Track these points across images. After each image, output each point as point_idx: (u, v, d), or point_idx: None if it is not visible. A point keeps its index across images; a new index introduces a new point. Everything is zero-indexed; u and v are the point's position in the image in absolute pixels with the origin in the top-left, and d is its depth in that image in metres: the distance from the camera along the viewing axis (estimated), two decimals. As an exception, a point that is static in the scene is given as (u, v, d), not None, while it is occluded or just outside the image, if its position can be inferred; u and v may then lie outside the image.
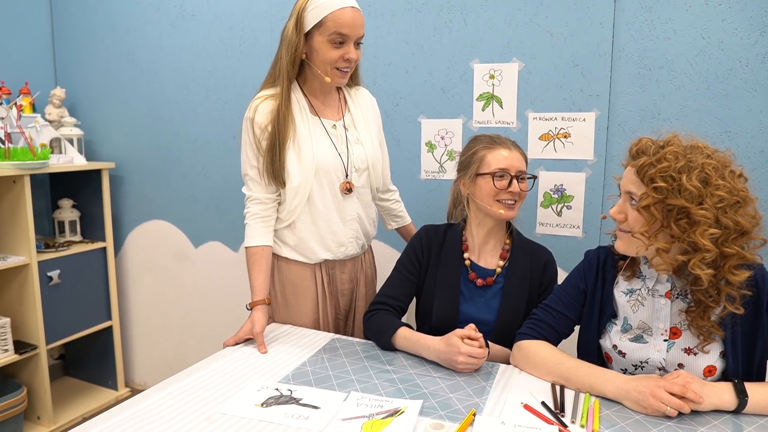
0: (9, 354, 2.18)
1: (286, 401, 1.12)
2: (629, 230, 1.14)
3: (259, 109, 1.47)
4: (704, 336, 1.12)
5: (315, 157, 1.48)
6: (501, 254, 1.50)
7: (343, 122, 1.56)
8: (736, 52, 1.62)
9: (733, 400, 1.05)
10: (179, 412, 1.08)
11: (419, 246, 1.55)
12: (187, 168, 2.51)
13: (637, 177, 1.11)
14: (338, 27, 1.39)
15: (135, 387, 2.78)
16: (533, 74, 1.86)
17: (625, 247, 1.17)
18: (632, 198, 1.13)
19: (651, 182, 1.07)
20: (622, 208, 1.16)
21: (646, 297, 1.21)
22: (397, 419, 1.04)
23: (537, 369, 1.23)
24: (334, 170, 1.52)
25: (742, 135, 1.64)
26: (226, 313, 2.55)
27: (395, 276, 1.56)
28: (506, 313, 1.45)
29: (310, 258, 1.57)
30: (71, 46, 2.67)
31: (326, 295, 1.61)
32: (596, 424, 1.03)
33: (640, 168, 1.10)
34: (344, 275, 1.64)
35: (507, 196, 1.43)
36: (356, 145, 1.56)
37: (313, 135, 1.50)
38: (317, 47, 1.42)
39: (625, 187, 1.15)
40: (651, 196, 1.07)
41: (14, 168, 2.15)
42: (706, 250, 1.04)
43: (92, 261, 2.54)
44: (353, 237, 1.60)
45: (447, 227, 1.57)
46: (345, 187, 1.54)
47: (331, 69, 1.44)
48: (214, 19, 2.33)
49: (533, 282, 1.48)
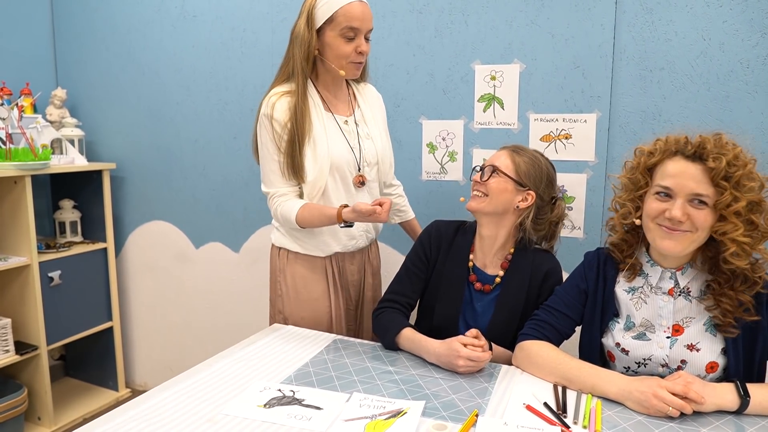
0: (10, 355, 2.18)
1: (289, 402, 1.12)
2: (691, 230, 1.12)
3: (277, 105, 1.48)
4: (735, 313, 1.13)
5: (330, 153, 1.50)
6: (502, 263, 1.50)
7: (354, 118, 1.59)
8: (737, 54, 1.63)
9: (735, 401, 1.06)
10: (182, 413, 1.08)
11: (428, 242, 1.55)
12: (187, 169, 2.51)
13: (709, 178, 1.09)
14: (349, 21, 1.42)
15: (135, 388, 2.78)
16: (534, 75, 1.86)
17: (683, 247, 1.14)
18: (697, 199, 1.11)
19: (738, 185, 1.08)
20: (685, 210, 1.11)
21: (648, 294, 1.22)
22: (399, 420, 1.05)
23: (539, 370, 1.24)
24: (347, 165, 1.55)
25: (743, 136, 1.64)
26: (226, 314, 2.55)
27: (403, 272, 1.56)
28: (497, 322, 1.45)
29: (324, 251, 1.60)
30: (72, 46, 2.67)
31: (337, 287, 1.64)
32: (598, 424, 1.03)
33: (718, 170, 1.08)
34: (353, 266, 1.67)
35: (474, 187, 1.47)
36: (367, 140, 1.59)
37: (327, 131, 1.52)
38: (330, 42, 1.45)
39: (689, 189, 1.11)
40: (742, 198, 1.08)
41: (15, 169, 2.15)
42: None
43: (93, 262, 2.55)
44: (364, 230, 1.65)
45: (459, 225, 1.56)
46: (358, 181, 1.57)
47: (346, 63, 1.47)
48: (215, 20, 2.34)
49: (531, 292, 1.46)
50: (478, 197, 1.45)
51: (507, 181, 1.43)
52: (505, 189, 1.42)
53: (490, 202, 1.43)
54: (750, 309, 1.13)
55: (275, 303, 1.67)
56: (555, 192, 1.50)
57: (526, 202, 1.44)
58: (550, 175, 1.47)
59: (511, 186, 1.43)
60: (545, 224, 1.48)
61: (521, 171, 1.43)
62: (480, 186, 1.45)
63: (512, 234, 1.49)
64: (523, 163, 1.44)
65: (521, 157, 1.45)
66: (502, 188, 1.42)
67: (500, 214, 1.45)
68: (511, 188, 1.43)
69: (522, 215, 1.45)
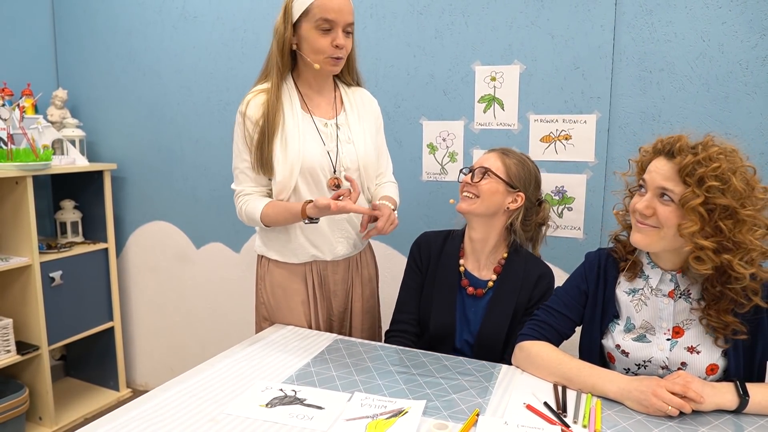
0: (11, 355, 2.18)
1: (291, 402, 1.13)
2: (657, 225, 1.14)
3: (251, 103, 1.47)
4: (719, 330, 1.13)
5: (301, 154, 1.47)
6: (495, 267, 1.51)
7: (335, 121, 1.55)
8: (736, 55, 1.63)
9: (734, 400, 1.06)
10: (184, 412, 1.09)
11: (418, 254, 1.58)
12: (188, 169, 2.52)
13: (678, 174, 1.10)
14: (324, 13, 1.39)
15: (136, 388, 2.78)
16: (534, 76, 1.87)
17: (649, 242, 1.16)
18: (665, 194, 1.12)
19: (700, 182, 1.07)
20: (651, 203, 1.14)
21: (649, 297, 1.22)
22: (401, 419, 1.05)
23: (539, 370, 1.24)
24: (321, 168, 1.50)
25: (742, 137, 1.65)
26: (227, 314, 2.56)
27: (404, 290, 1.59)
28: (487, 326, 1.46)
29: (300, 256, 1.56)
30: (73, 47, 2.67)
31: (317, 297, 1.60)
32: (598, 424, 1.04)
33: (684, 166, 1.09)
34: (337, 276, 1.62)
35: (464, 189, 1.48)
36: (347, 144, 1.54)
37: (301, 131, 1.48)
38: (305, 35, 1.43)
39: (657, 183, 1.13)
40: (701, 195, 1.07)
41: (17, 169, 2.15)
42: (752, 249, 1.06)
43: (94, 262, 2.55)
44: (343, 237, 1.58)
45: (448, 233, 1.58)
46: (332, 183, 1.52)
47: (323, 58, 1.44)
48: (216, 20, 2.34)
49: (521, 296, 1.47)
50: (469, 199, 1.46)
51: (498, 182, 1.44)
52: (496, 190, 1.44)
53: (481, 204, 1.44)
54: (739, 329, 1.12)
55: (259, 310, 1.65)
56: (541, 194, 1.54)
57: (516, 204, 1.46)
58: (538, 178, 1.51)
59: (502, 187, 1.45)
60: (532, 226, 1.51)
61: (512, 173, 1.46)
62: (471, 188, 1.46)
63: (503, 236, 1.51)
64: (513, 165, 1.46)
65: (510, 159, 1.48)
66: (493, 190, 1.44)
67: (491, 215, 1.47)
68: (502, 190, 1.45)
69: (512, 217, 1.48)
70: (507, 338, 1.46)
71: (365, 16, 2.05)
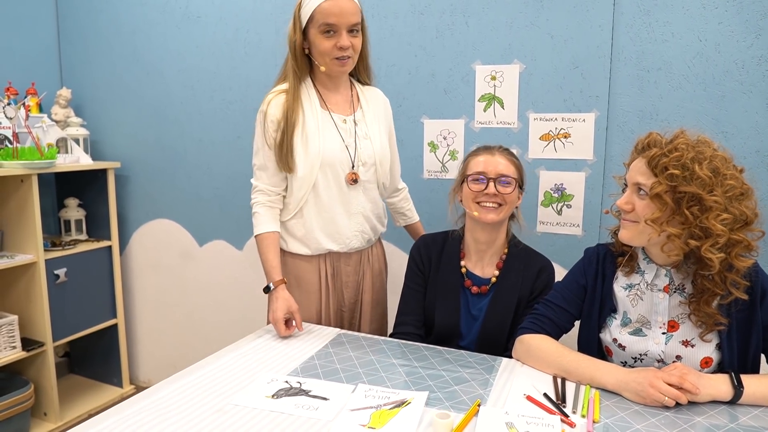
0: (16, 351, 2.20)
1: (296, 393, 1.15)
2: (636, 220, 1.17)
3: (272, 103, 1.54)
4: (707, 324, 1.16)
5: (321, 149, 1.53)
6: (497, 263, 1.53)
7: (353, 117, 1.61)
8: (733, 55, 1.66)
9: (729, 391, 1.09)
10: (191, 404, 1.11)
11: (419, 257, 1.60)
12: (192, 167, 2.54)
13: (648, 168, 1.14)
14: (325, 18, 1.45)
15: (139, 384, 2.81)
16: (534, 76, 1.90)
17: (631, 236, 1.20)
18: (641, 189, 1.16)
19: (664, 171, 1.11)
20: (630, 199, 1.19)
21: (644, 291, 1.25)
22: (404, 410, 1.08)
23: (539, 362, 1.27)
24: (340, 163, 1.56)
25: (738, 135, 1.68)
26: (230, 312, 2.58)
27: (406, 292, 1.61)
28: (491, 321, 1.49)
29: (316, 248, 1.61)
30: (77, 47, 2.69)
31: (329, 288, 1.65)
32: (597, 414, 1.06)
33: (651, 159, 1.13)
34: (349, 267, 1.67)
35: (484, 199, 1.45)
36: (365, 140, 1.61)
37: (321, 127, 1.55)
38: (312, 40, 1.50)
39: (633, 179, 1.18)
40: (664, 183, 1.10)
41: (22, 167, 2.17)
42: (719, 235, 1.08)
43: (98, 259, 2.57)
44: (358, 231, 1.64)
45: (446, 235, 1.60)
46: (351, 178, 1.58)
47: (328, 60, 1.50)
48: (219, 20, 2.37)
49: (524, 290, 1.49)
50: (494, 209, 1.45)
51: (514, 185, 1.47)
52: (515, 194, 1.48)
53: (507, 210, 1.47)
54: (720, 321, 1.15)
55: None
56: None
57: (521, 199, 1.51)
58: None
59: (517, 189, 1.48)
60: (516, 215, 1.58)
61: (521, 173, 1.51)
62: (496, 197, 1.44)
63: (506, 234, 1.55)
64: (517, 165, 1.51)
65: (512, 157, 1.51)
66: (515, 195, 1.48)
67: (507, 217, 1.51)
68: (517, 191, 1.49)
69: (513, 212, 1.52)
70: (510, 331, 1.48)
71: (367, 16, 2.03)
